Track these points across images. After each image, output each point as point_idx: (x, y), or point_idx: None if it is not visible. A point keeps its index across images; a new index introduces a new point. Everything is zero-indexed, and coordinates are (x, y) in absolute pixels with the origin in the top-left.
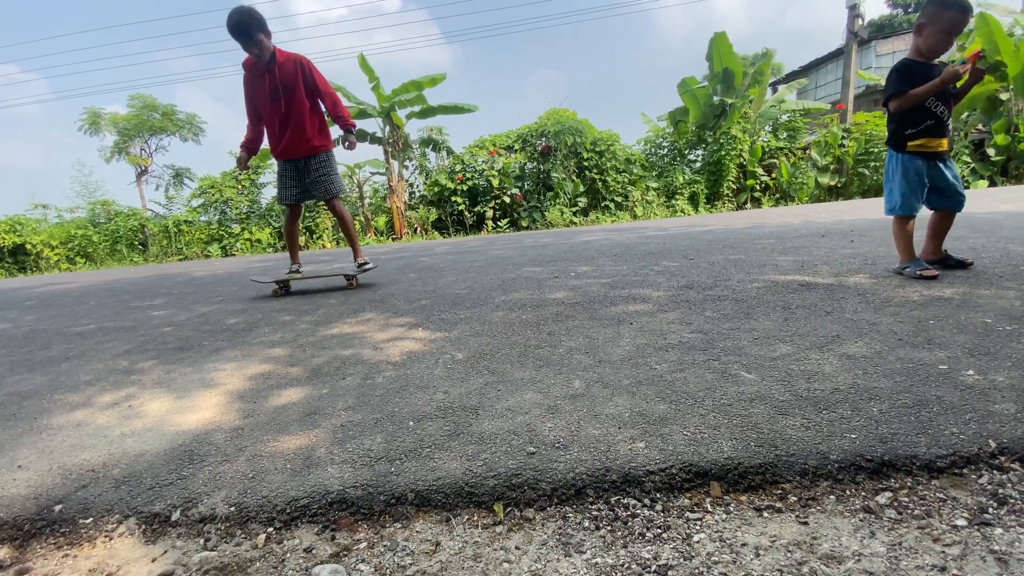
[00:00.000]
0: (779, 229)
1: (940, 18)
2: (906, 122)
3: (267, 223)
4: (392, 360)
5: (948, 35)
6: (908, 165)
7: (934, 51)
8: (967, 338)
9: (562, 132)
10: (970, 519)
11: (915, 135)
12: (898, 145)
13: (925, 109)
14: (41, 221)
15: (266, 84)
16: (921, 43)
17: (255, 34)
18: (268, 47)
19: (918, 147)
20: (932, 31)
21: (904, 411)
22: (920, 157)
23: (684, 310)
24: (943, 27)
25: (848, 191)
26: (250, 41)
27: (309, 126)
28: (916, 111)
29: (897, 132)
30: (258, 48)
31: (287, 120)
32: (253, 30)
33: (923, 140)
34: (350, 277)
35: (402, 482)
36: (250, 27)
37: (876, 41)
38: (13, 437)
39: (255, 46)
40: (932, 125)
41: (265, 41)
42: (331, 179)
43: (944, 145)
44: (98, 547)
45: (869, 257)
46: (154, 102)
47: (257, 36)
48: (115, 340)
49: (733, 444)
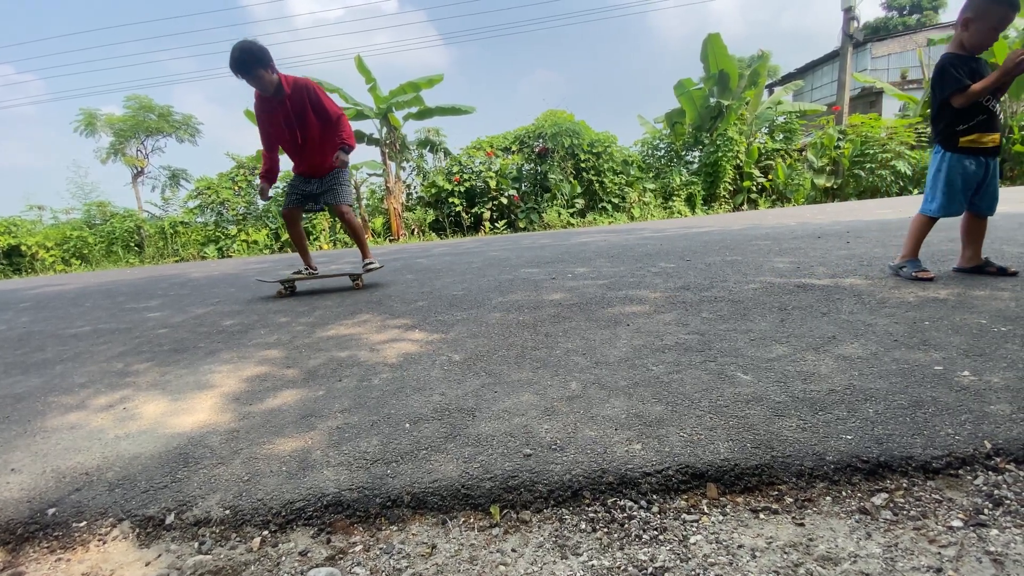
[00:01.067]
0: (775, 230)
1: (989, 13)
2: (958, 118)
3: (264, 224)
4: (389, 362)
5: (995, 31)
6: (955, 166)
7: (980, 46)
8: (962, 339)
9: (559, 134)
10: (966, 520)
11: (967, 131)
12: (949, 142)
13: (977, 103)
14: (36, 222)
15: (279, 115)
16: (967, 37)
17: (254, 70)
18: (271, 80)
19: (971, 143)
20: (980, 26)
21: (900, 412)
22: (970, 155)
23: (681, 311)
24: (992, 23)
25: (844, 193)
26: (251, 77)
27: (325, 150)
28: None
29: (948, 128)
30: (259, 83)
31: (304, 147)
32: (252, 66)
33: (976, 136)
34: (355, 277)
35: (398, 484)
36: (248, 64)
37: (872, 43)
38: (7, 440)
39: (256, 80)
40: (984, 119)
41: (266, 75)
42: (341, 189)
43: (996, 140)
44: (92, 551)
45: (865, 258)
46: (150, 103)
47: (257, 71)
48: (110, 342)
49: (729, 445)
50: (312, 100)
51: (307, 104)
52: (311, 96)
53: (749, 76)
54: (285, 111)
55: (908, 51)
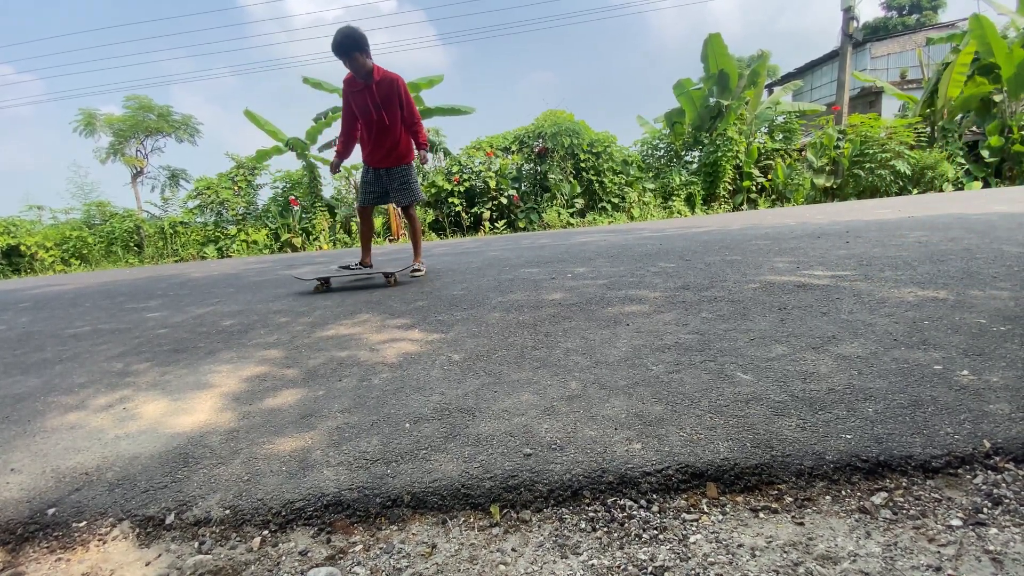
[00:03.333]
0: (775, 230)
1: None
2: None
3: (263, 224)
4: (388, 362)
5: None
6: None
7: None
8: (962, 339)
9: (559, 133)
10: (965, 519)
11: None
12: None
13: None
14: (36, 222)
15: (365, 99)
16: None
17: (352, 52)
18: (365, 64)
19: None
20: None
21: (899, 411)
22: None
23: (680, 311)
24: None
25: (843, 192)
26: (347, 58)
27: (400, 140)
28: None
29: None
30: (354, 64)
31: (382, 133)
32: (351, 49)
33: None
34: (389, 275)
35: (398, 484)
36: (348, 47)
37: (871, 43)
38: (6, 440)
39: (352, 62)
40: None
41: (360, 59)
42: (411, 187)
43: None
44: (92, 551)
45: (864, 258)
46: (150, 103)
47: (353, 54)
48: (110, 342)
49: (729, 445)
50: (399, 93)
51: (395, 95)
52: (399, 89)
53: (748, 76)
54: (372, 96)
55: (907, 51)
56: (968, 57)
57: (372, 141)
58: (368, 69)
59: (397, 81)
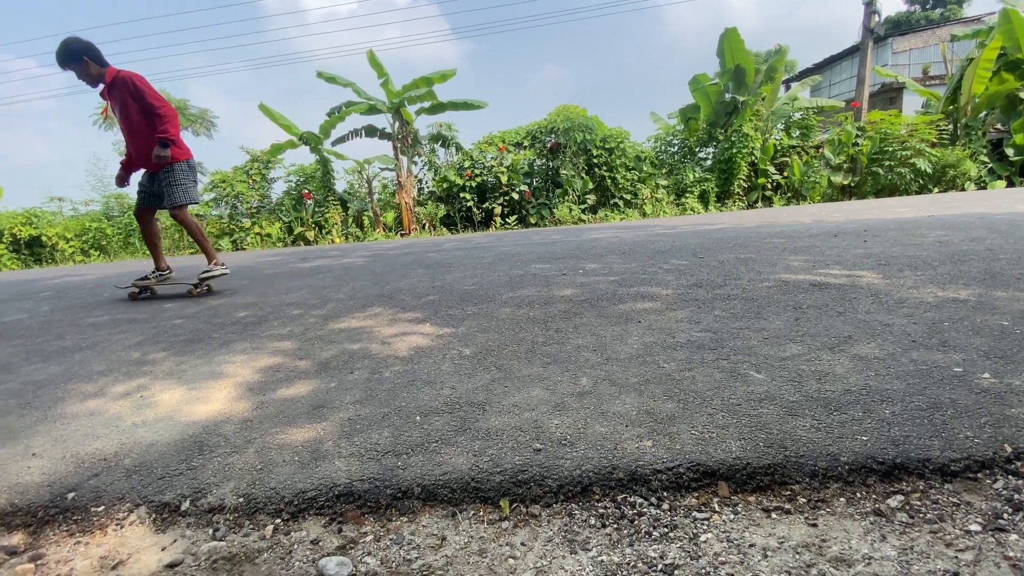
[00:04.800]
0: (790, 228)
1: None
2: None
3: (277, 218)
4: (400, 355)
5: None
6: None
7: None
8: (983, 340)
9: (572, 129)
10: (984, 524)
11: None
12: None
13: None
14: (56, 214)
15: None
16: None
17: (70, 64)
18: (93, 70)
19: None
20: None
21: (917, 414)
22: None
23: (693, 309)
24: None
25: (862, 190)
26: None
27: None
28: None
29: None
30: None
31: (131, 136)
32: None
33: None
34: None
35: (408, 476)
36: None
37: (893, 38)
38: (29, 425)
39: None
40: None
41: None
42: (171, 190)
43: None
44: (109, 535)
45: (883, 257)
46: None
47: (72, 65)
48: (127, 331)
49: (742, 444)
50: (131, 91)
51: (128, 94)
52: (131, 87)
53: (766, 71)
54: (111, 100)
55: (931, 46)
56: (994, 52)
57: (129, 145)
58: (98, 74)
59: (130, 79)
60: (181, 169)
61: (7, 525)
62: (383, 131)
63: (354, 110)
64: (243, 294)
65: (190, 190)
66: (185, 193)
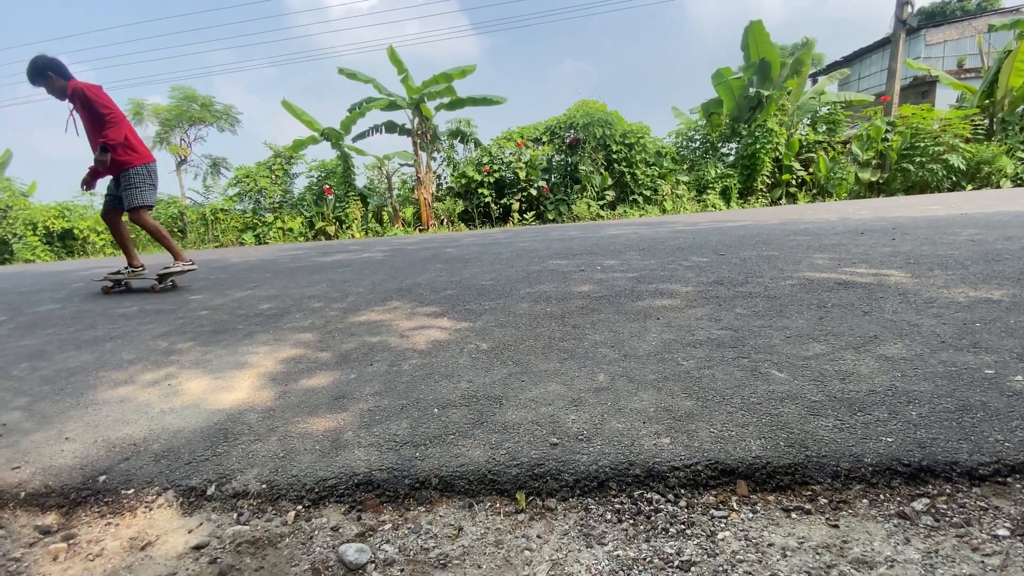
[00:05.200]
0: (815, 225)
1: None
2: None
3: (299, 212)
4: (418, 348)
5: None
6: None
7: None
8: (1016, 342)
9: (591, 124)
10: (1013, 529)
11: None
12: None
13: None
14: (88, 207)
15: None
16: None
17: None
18: (59, 85)
19: None
20: None
21: (945, 416)
22: None
23: (713, 306)
24: None
25: (890, 187)
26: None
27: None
28: None
29: None
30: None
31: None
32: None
33: None
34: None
35: (426, 467)
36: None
37: (926, 30)
38: (62, 410)
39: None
40: None
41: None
42: (132, 192)
43: None
44: (139, 517)
45: (912, 256)
46: (194, 93)
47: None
48: (155, 322)
49: (762, 443)
50: (82, 101)
51: (82, 105)
52: (83, 97)
53: (792, 65)
54: (76, 111)
55: (966, 38)
56: None
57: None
58: (63, 88)
59: (82, 89)
60: (137, 173)
61: (41, 506)
62: (403, 127)
63: (374, 106)
64: (266, 287)
65: (145, 193)
66: (140, 196)
